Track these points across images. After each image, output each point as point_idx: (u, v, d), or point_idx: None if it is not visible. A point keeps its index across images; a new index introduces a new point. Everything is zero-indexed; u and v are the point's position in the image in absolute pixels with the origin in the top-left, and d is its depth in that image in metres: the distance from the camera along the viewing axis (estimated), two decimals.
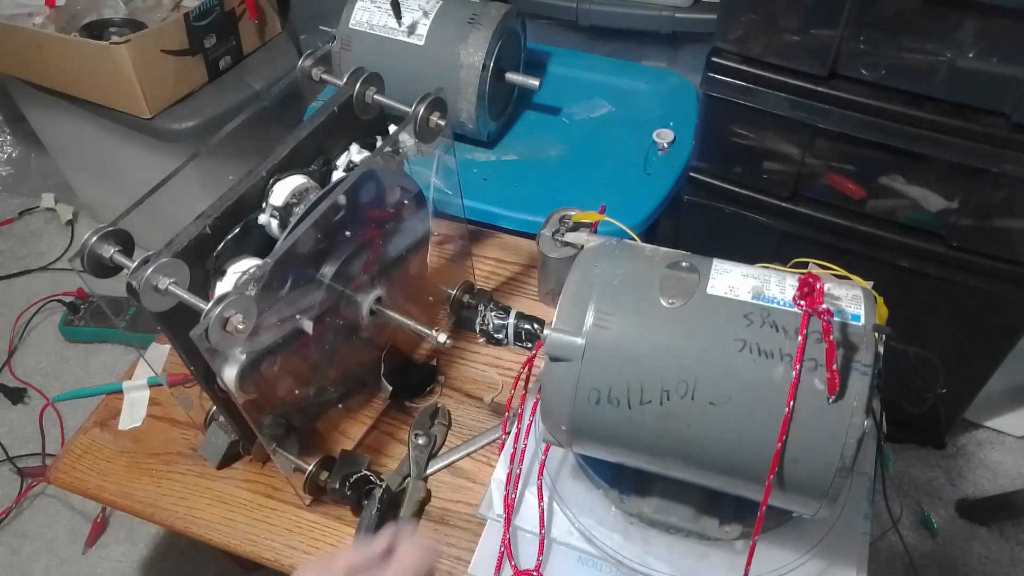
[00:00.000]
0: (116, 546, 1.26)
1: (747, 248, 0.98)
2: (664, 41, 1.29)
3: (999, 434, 1.33)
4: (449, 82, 1.02)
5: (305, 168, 0.67)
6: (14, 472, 1.35)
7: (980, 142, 0.85)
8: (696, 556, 0.63)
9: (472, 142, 1.12)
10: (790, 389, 0.49)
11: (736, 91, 0.96)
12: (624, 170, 1.08)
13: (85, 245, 0.57)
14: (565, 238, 0.81)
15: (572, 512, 0.66)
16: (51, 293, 1.61)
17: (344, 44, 1.05)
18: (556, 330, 0.55)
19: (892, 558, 1.15)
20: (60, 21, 1.33)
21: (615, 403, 0.54)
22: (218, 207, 0.61)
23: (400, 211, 0.73)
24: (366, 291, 0.72)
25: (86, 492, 0.78)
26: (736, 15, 0.93)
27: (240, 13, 1.40)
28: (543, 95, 1.18)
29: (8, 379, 1.50)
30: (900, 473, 1.27)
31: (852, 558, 0.61)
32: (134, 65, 1.24)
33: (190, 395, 0.77)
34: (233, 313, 0.53)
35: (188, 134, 1.33)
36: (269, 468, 0.77)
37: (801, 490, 0.52)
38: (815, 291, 0.51)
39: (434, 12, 1.03)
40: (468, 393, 0.82)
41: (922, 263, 0.99)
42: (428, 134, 0.69)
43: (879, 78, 0.89)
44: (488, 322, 0.68)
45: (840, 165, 0.99)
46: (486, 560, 0.64)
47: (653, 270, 0.56)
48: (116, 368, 1.51)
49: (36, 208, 1.82)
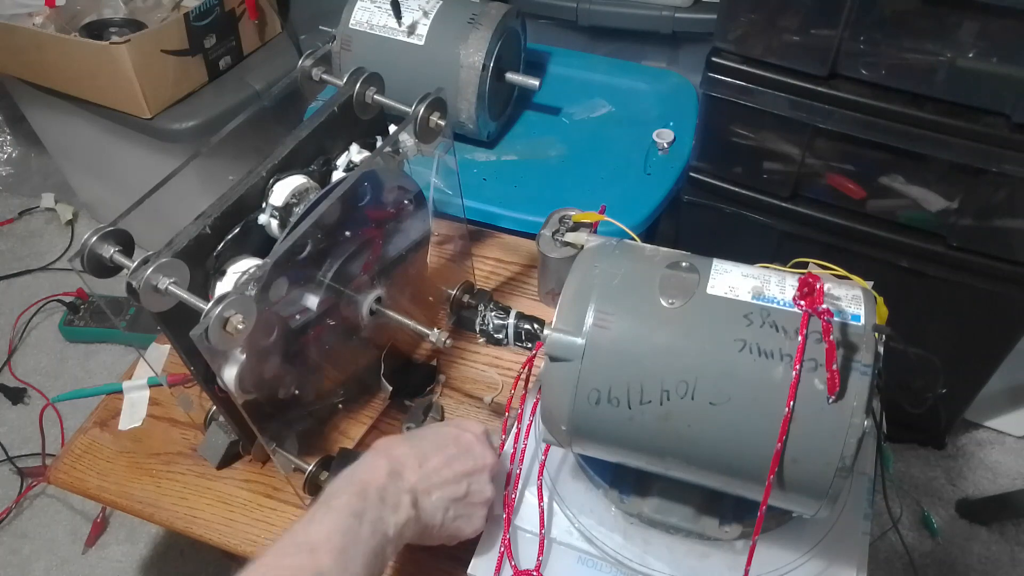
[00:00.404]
0: (116, 546, 1.26)
1: (747, 248, 0.97)
2: (664, 41, 1.29)
3: (999, 434, 1.33)
4: (449, 82, 1.02)
5: (305, 168, 0.67)
6: (14, 472, 1.36)
7: (980, 142, 0.85)
8: (696, 556, 0.63)
9: (472, 142, 1.12)
10: (790, 389, 0.49)
11: (736, 91, 0.96)
12: (624, 170, 1.08)
13: (85, 245, 0.57)
14: (565, 238, 0.81)
15: (572, 512, 0.66)
16: (51, 293, 1.61)
17: (344, 44, 1.05)
18: (556, 330, 0.55)
19: (892, 558, 1.15)
20: (60, 21, 1.33)
21: (615, 403, 0.54)
22: (218, 207, 0.61)
23: (400, 211, 0.73)
24: (366, 291, 0.72)
25: (86, 492, 0.78)
26: (736, 15, 0.93)
27: (240, 13, 1.40)
28: (543, 95, 1.18)
29: (8, 379, 1.50)
30: (900, 473, 1.27)
31: (852, 558, 0.61)
32: (134, 65, 1.25)
33: (190, 395, 0.77)
34: (233, 313, 0.53)
35: (188, 134, 1.33)
36: (269, 468, 0.77)
37: (801, 490, 0.52)
38: (815, 291, 0.51)
39: (434, 12, 1.03)
40: (468, 393, 0.82)
41: (922, 263, 0.99)
42: (428, 134, 0.69)
43: (879, 78, 0.89)
44: (488, 322, 0.68)
45: (840, 165, 0.99)
46: (486, 560, 0.64)
47: (653, 270, 0.56)
48: (116, 368, 1.51)
49: (36, 208, 1.82)
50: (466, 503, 0.61)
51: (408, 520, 0.56)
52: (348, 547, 0.52)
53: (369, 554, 0.53)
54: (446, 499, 0.60)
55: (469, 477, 0.62)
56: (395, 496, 0.57)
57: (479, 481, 0.62)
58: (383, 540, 0.54)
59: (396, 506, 0.56)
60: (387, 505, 0.56)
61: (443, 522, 0.60)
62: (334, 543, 0.51)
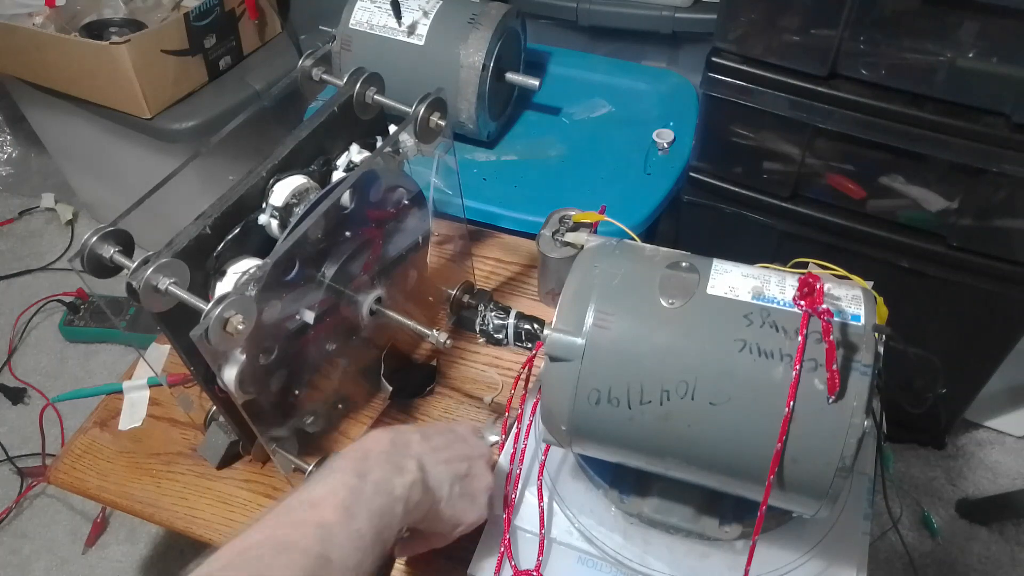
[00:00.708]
0: (116, 546, 1.26)
1: (747, 248, 0.97)
2: (664, 41, 1.29)
3: (999, 434, 1.33)
4: (449, 82, 1.02)
5: (305, 168, 0.67)
6: (14, 472, 1.35)
7: (980, 142, 0.85)
8: (696, 556, 0.63)
9: (472, 142, 1.12)
10: (790, 389, 0.49)
11: (736, 91, 0.96)
12: (624, 170, 1.08)
13: (85, 245, 0.57)
14: (565, 238, 0.81)
15: (572, 512, 0.66)
16: (51, 293, 1.61)
17: (344, 44, 1.05)
18: (556, 330, 0.55)
19: (892, 558, 1.15)
20: (60, 21, 1.33)
21: (615, 403, 0.54)
22: (218, 207, 0.61)
23: (400, 211, 0.73)
24: (366, 291, 0.72)
25: (86, 492, 0.78)
26: (736, 15, 0.93)
27: (240, 13, 1.40)
28: (543, 95, 1.18)
29: (8, 379, 1.50)
30: (900, 473, 1.27)
31: (852, 558, 0.61)
32: (134, 65, 1.25)
33: (190, 395, 0.77)
34: (233, 313, 0.53)
35: (188, 134, 1.33)
36: (269, 468, 0.77)
37: (801, 490, 0.52)
38: (815, 291, 0.51)
39: (434, 12, 1.03)
40: (468, 393, 0.82)
41: (922, 263, 0.99)
42: (428, 134, 0.69)
43: (879, 78, 0.89)
44: (488, 322, 0.68)
45: (840, 165, 0.99)
46: (486, 560, 0.64)
47: (653, 270, 0.56)
48: (116, 368, 1.51)
49: (36, 208, 1.82)
50: (469, 483, 0.61)
51: (415, 482, 0.55)
52: (351, 504, 0.50)
53: (376, 512, 0.51)
54: (451, 473, 0.59)
55: (470, 460, 0.62)
56: (400, 460, 0.55)
57: (478, 466, 0.63)
58: (389, 500, 0.52)
59: (401, 469, 0.55)
60: (392, 467, 0.54)
61: (449, 496, 0.58)
62: (338, 498, 0.50)
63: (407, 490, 0.54)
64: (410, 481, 0.54)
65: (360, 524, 0.49)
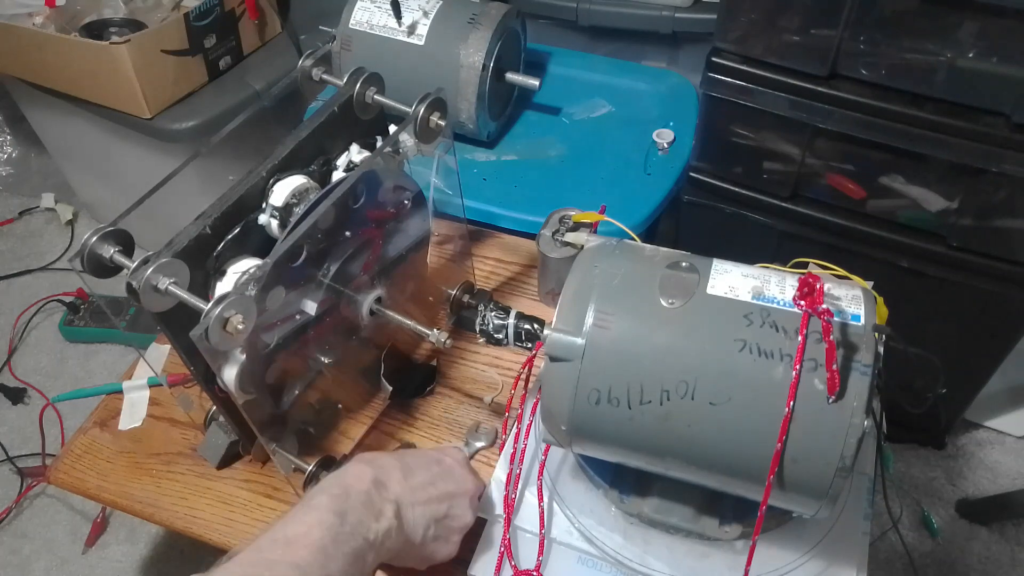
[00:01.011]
0: (116, 546, 1.26)
1: (747, 248, 0.98)
2: (664, 41, 1.29)
3: (999, 434, 1.33)
4: (449, 82, 1.02)
5: (305, 168, 0.67)
6: (14, 472, 1.36)
7: (980, 142, 0.85)
8: (696, 556, 0.63)
9: (472, 142, 1.12)
10: (790, 389, 0.49)
11: (736, 91, 0.96)
12: (624, 170, 1.08)
13: (85, 245, 0.57)
14: (565, 238, 0.81)
15: (572, 512, 0.66)
16: (51, 293, 1.61)
17: (344, 44, 1.05)
18: (556, 330, 0.55)
19: (892, 558, 1.15)
20: (60, 21, 1.33)
21: (615, 403, 0.54)
22: (218, 207, 0.61)
23: (400, 211, 0.73)
24: (366, 291, 0.72)
25: (86, 492, 0.78)
26: (736, 15, 0.93)
27: (240, 13, 1.40)
28: (543, 95, 1.18)
29: (8, 379, 1.50)
30: (900, 473, 1.27)
31: (852, 558, 0.61)
32: (134, 65, 1.25)
33: (190, 395, 0.77)
34: (233, 313, 0.53)
35: (188, 134, 1.33)
36: (269, 468, 0.77)
37: (801, 490, 0.52)
38: (815, 291, 0.51)
39: (434, 12, 1.03)
40: (468, 393, 0.82)
41: (922, 263, 0.99)
42: (428, 134, 0.69)
43: (879, 78, 0.89)
44: (488, 322, 0.68)
45: (840, 165, 0.99)
46: (486, 560, 0.64)
47: (653, 270, 0.56)
48: (116, 368, 1.51)
49: (36, 208, 1.82)
50: (446, 525, 0.61)
51: (390, 529, 0.56)
52: (327, 544, 0.51)
53: (349, 555, 0.51)
54: (428, 516, 0.60)
55: (451, 499, 0.62)
56: (379, 503, 0.56)
57: (459, 505, 0.62)
58: (364, 544, 0.53)
59: (379, 514, 0.55)
60: (370, 511, 0.55)
61: (423, 539, 0.59)
62: (313, 537, 0.50)
63: (381, 536, 0.55)
64: (385, 528, 0.55)
65: (335, 566, 0.50)
